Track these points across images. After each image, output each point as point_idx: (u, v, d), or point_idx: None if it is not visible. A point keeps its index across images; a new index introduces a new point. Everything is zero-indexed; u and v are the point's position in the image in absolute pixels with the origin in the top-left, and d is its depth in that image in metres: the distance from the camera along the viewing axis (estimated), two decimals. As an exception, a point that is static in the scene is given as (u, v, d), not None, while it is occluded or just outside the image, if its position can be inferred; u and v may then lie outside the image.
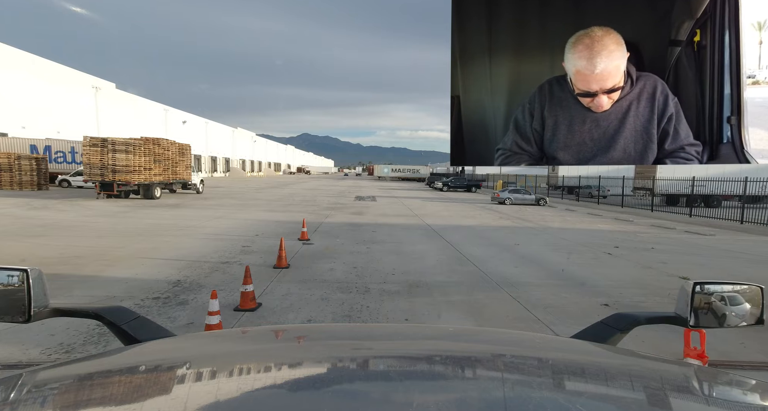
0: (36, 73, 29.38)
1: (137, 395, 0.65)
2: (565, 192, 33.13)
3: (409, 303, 5.43)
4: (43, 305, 1.01)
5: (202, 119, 54.92)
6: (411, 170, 71.27)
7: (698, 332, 3.24)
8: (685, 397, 0.76)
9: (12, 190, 21.03)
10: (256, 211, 15.88)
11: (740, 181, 17.71)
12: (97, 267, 6.68)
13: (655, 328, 2.47)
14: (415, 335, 1.15)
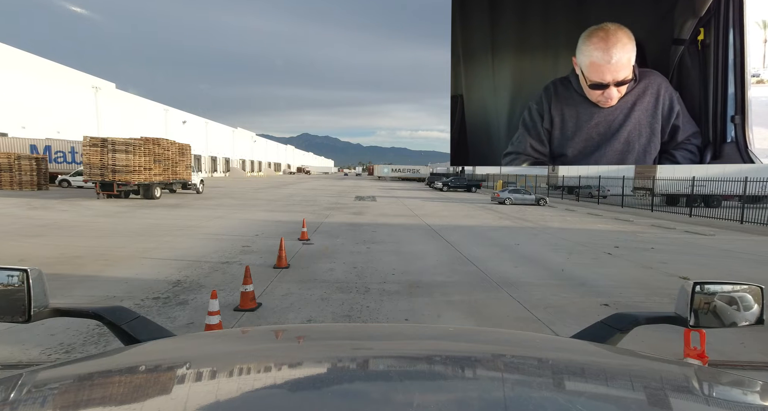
0: (36, 73, 29.38)
1: (137, 395, 0.65)
2: (565, 192, 33.12)
3: (409, 303, 5.43)
4: (43, 305, 1.01)
5: (202, 119, 54.93)
6: (411, 170, 71.26)
7: (698, 332, 3.24)
8: (685, 397, 0.76)
9: (12, 190, 21.03)
10: (256, 211, 15.88)
11: (740, 181, 17.70)
12: (97, 267, 6.68)
13: (655, 328, 2.47)
14: (415, 335, 1.15)
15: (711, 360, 3.51)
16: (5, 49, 27.61)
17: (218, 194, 24.39)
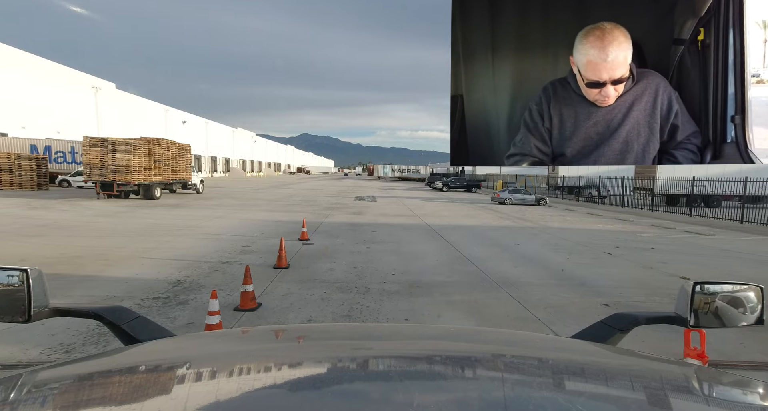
0: (36, 73, 29.38)
1: (137, 395, 0.65)
2: (565, 192, 33.12)
3: (409, 303, 5.43)
4: (43, 305, 1.01)
5: (202, 119, 54.93)
6: (411, 170, 71.25)
7: (698, 332, 3.24)
8: (685, 397, 0.76)
9: (12, 190, 21.03)
10: (256, 211, 15.88)
11: (740, 181, 17.69)
12: (97, 267, 6.68)
13: (655, 328, 2.47)
14: (415, 335, 1.15)
15: (711, 360, 3.51)
16: (5, 49, 27.60)
17: (218, 194, 24.39)
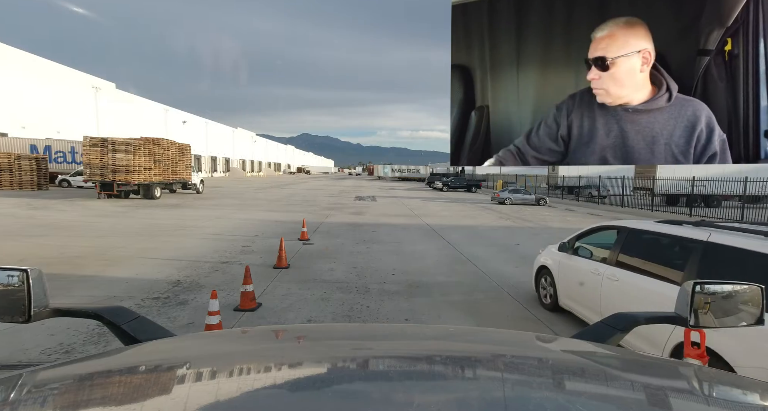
0: (36, 73, 29.38)
1: (137, 395, 0.65)
2: (565, 192, 33.11)
3: (409, 303, 5.43)
4: (43, 305, 1.01)
5: (202, 119, 54.92)
6: (411, 170, 71.24)
7: (698, 332, 3.23)
8: (685, 397, 0.76)
9: (12, 190, 21.03)
10: (256, 211, 15.88)
11: (740, 181, 17.69)
12: (97, 267, 6.68)
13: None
14: (415, 335, 1.15)
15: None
16: (5, 49, 27.60)
17: (218, 194, 24.39)
